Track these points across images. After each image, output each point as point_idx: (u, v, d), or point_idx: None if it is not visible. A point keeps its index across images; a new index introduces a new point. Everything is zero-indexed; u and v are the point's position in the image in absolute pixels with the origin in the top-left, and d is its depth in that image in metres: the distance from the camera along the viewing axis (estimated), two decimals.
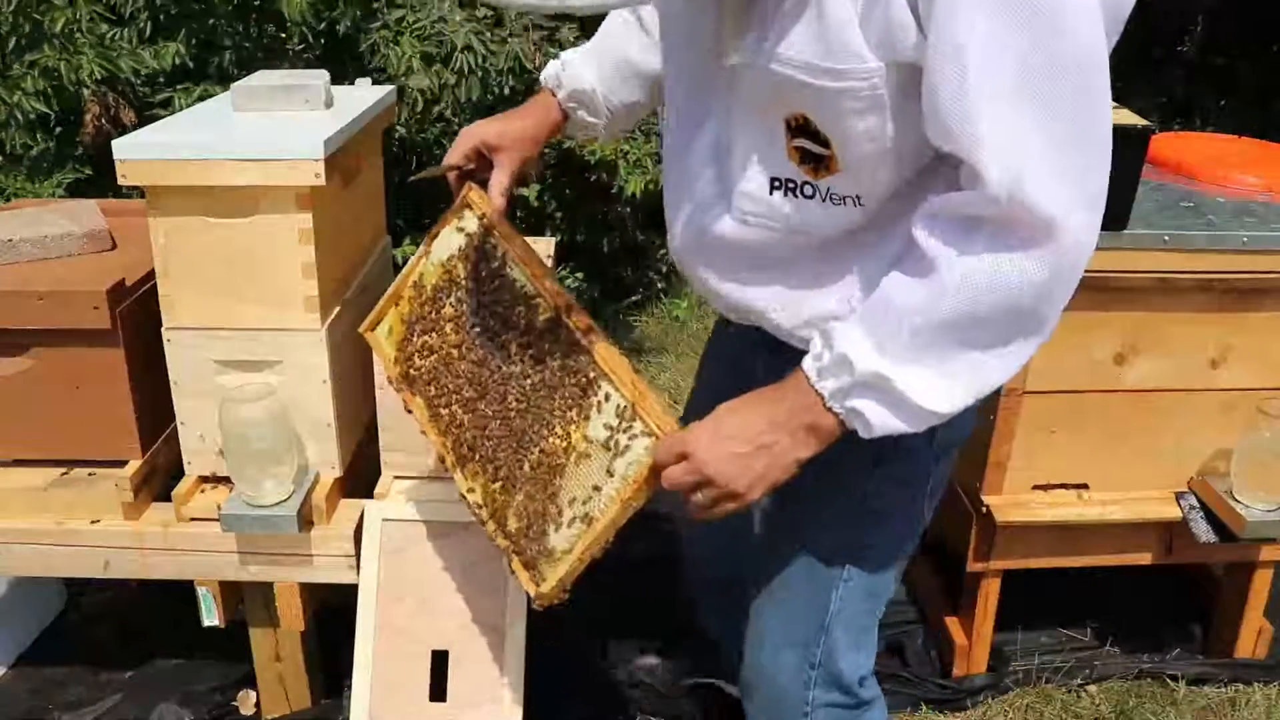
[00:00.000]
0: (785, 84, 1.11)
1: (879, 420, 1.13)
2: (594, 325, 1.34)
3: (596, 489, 1.29)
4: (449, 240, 1.52)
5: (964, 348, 1.09)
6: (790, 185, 1.19)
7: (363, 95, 2.05)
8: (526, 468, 1.37)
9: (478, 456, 1.44)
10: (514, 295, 1.43)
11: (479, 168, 1.51)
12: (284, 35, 3.38)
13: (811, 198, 1.18)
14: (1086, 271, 1.88)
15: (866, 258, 1.20)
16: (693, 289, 1.42)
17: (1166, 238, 1.85)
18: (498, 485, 1.41)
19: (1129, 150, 1.80)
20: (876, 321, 1.11)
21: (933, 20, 1.01)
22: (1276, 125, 4.05)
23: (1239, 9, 4.35)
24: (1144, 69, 4.59)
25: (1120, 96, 2.09)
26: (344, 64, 3.21)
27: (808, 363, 1.15)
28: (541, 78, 1.57)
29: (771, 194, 1.20)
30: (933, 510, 1.44)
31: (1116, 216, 1.84)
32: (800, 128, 1.14)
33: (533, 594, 1.36)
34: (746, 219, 1.23)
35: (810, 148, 1.15)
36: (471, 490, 1.46)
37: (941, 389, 1.11)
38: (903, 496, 1.39)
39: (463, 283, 1.50)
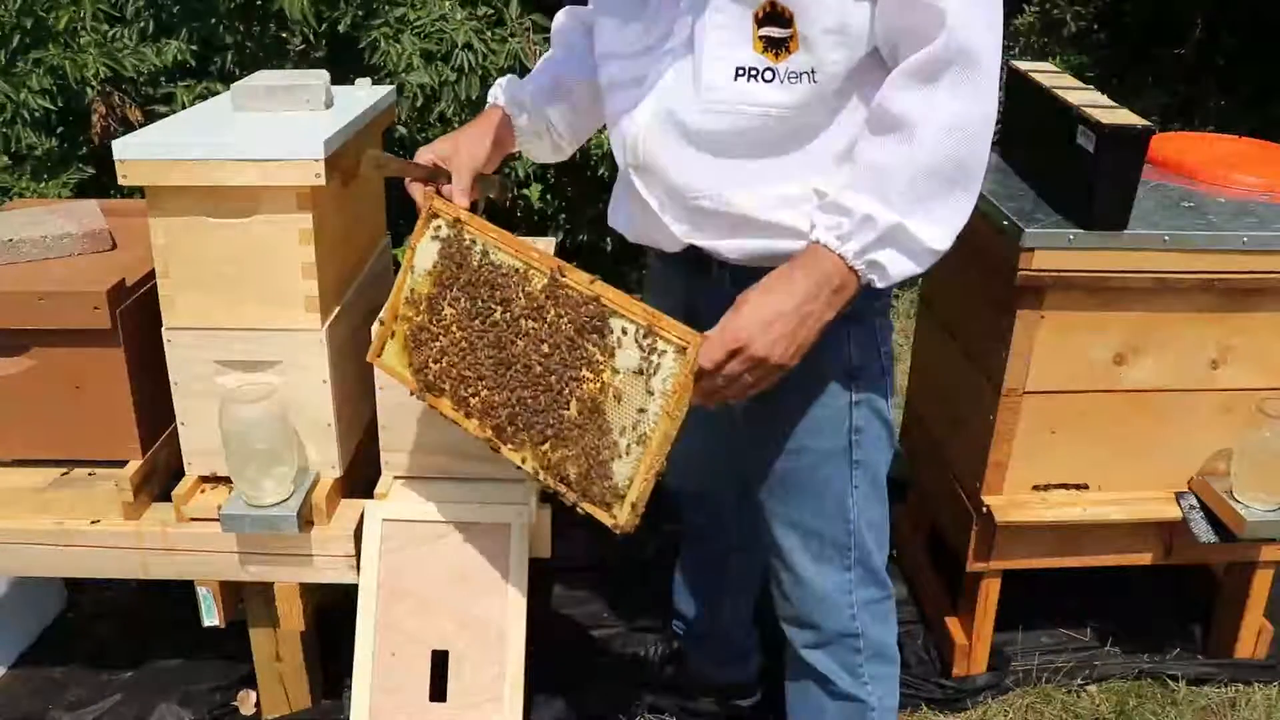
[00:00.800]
0: None
1: (896, 268, 1.30)
2: (591, 275, 1.42)
3: (642, 411, 1.36)
4: (428, 250, 1.56)
5: (949, 187, 1.28)
6: (753, 72, 1.32)
7: (363, 95, 2.05)
8: (571, 418, 1.42)
9: (520, 426, 1.48)
10: (506, 275, 1.48)
11: (439, 181, 1.59)
12: (285, 35, 3.38)
13: (771, 81, 1.31)
14: (1087, 271, 1.90)
15: (817, 140, 1.35)
16: (639, 206, 1.49)
17: (1166, 238, 1.85)
18: (547, 445, 1.45)
19: (1129, 150, 1.81)
20: (876, 183, 1.27)
21: None
22: (1276, 125, 4.05)
23: (1239, 9, 4.35)
24: (1144, 69, 4.59)
25: (1120, 96, 2.10)
26: (345, 64, 3.21)
27: (823, 233, 1.29)
28: (489, 95, 1.67)
29: (735, 80, 1.32)
30: (891, 383, 1.58)
31: (1117, 216, 1.84)
32: (767, 16, 1.29)
33: (613, 525, 1.39)
34: (712, 106, 1.34)
35: (773, 33, 1.30)
36: (524, 459, 1.48)
37: (941, 227, 1.29)
38: (878, 416, 1.55)
39: (454, 283, 1.53)
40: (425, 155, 1.59)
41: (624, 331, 1.37)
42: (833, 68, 1.29)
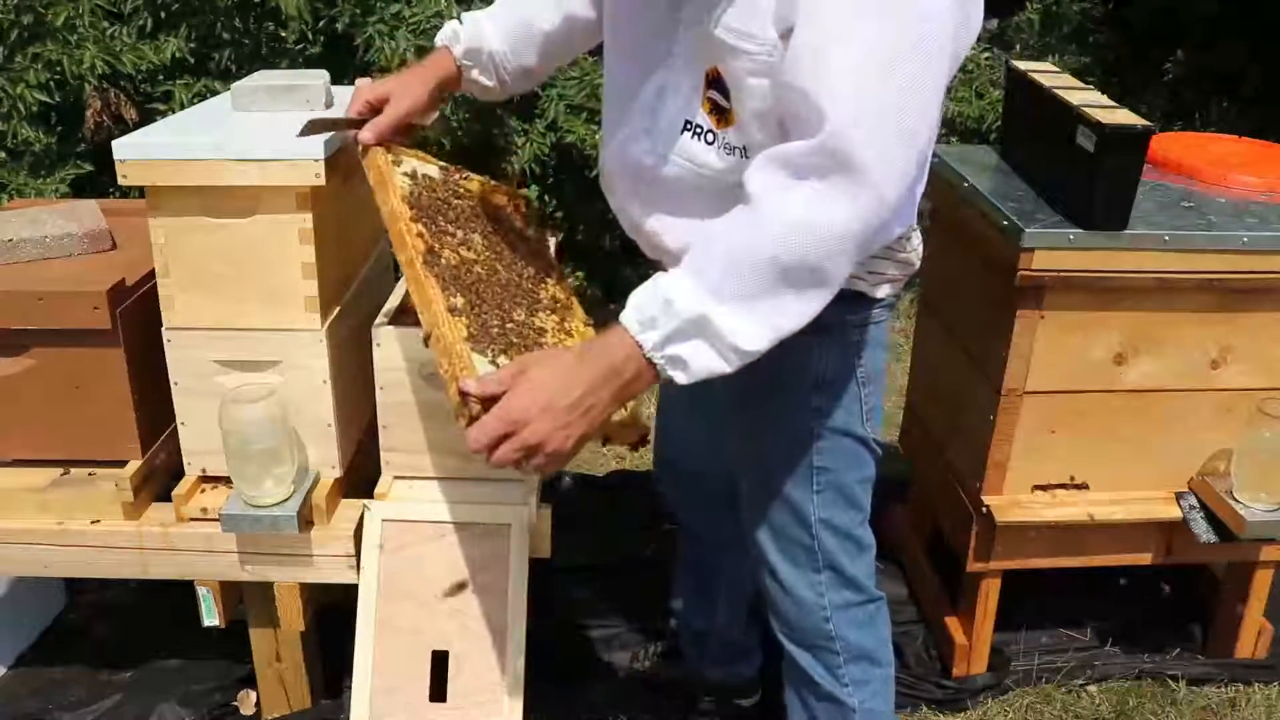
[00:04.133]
0: (717, 44, 1.27)
1: (699, 363, 1.20)
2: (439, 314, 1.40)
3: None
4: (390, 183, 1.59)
5: (781, 286, 1.18)
6: (698, 130, 1.34)
7: None
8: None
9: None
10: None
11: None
12: (283, 33, 3.38)
13: (712, 145, 1.34)
14: (1087, 271, 1.90)
15: None
16: (620, 224, 1.55)
17: (1166, 238, 1.85)
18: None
19: (1129, 150, 1.80)
20: (701, 261, 1.19)
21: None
22: (1276, 125, 4.05)
23: (1240, 9, 4.34)
24: (1144, 69, 4.59)
25: (1121, 97, 2.10)
26: (342, 61, 3.21)
27: (629, 315, 1.20)
28: (438, 37, 1.66)
29: (682, 134, 1.36)
30: (874, 398, 1.56)
31: (1117, 216, 1.84)
32: (715, 81, 1.30)
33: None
34: (663, 155, 1.38)
35: (718, 100, 1.31)
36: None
37: (759, 327, 1.19)
38: (844, 428, 1.53)
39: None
40: (361, 96, 1.60)
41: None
42: (760, 148, 1.24)
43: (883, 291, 1.49)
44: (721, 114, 1.32)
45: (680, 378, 1.20)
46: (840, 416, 1.53)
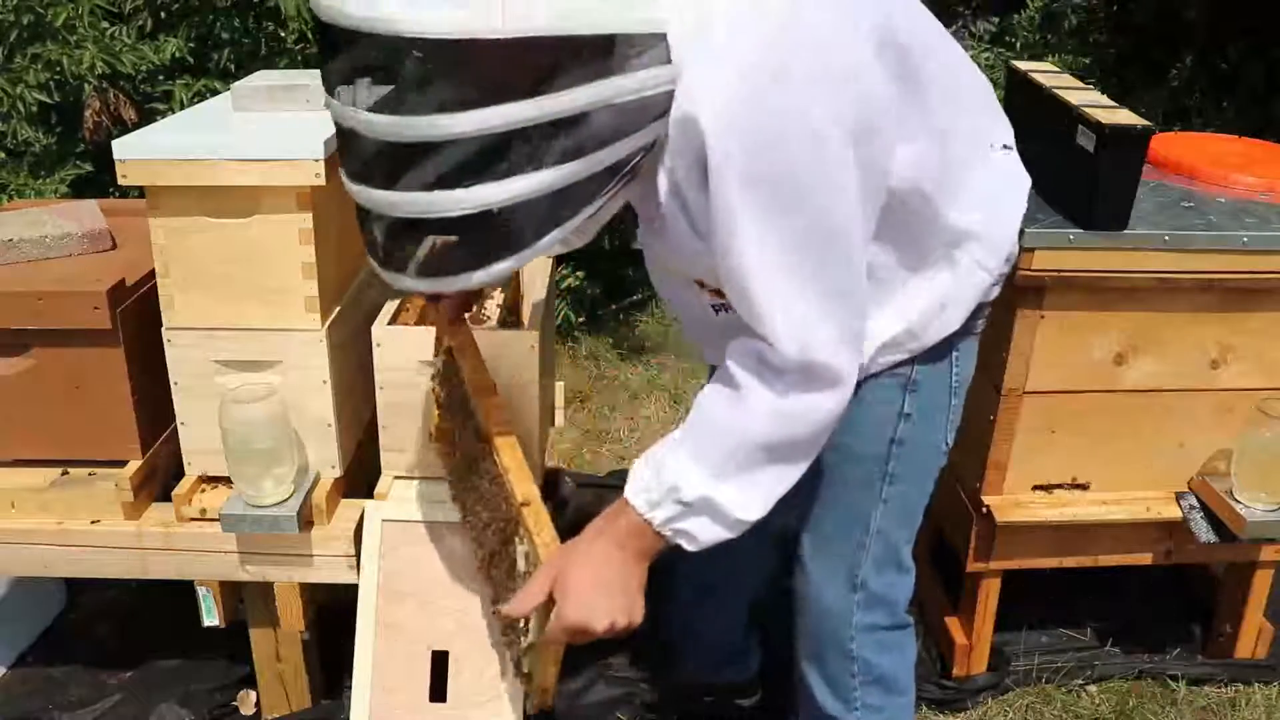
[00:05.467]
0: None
1: (706, 535, 1.30)
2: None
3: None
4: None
5: (771, 463, 1.28)
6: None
7: None
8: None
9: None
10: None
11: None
12: (283, 33, 3.38)
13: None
14: (1087, 271, 1.90)
15: None
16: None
17: (1166, 238, 1.85)
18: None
19: (1129, 150, 1.80)
20: (698, 444, 1.28)
21: (710, 216, 1.17)
22: (1276, 125, 4.05)
23: (1240, 9, 4.34)
24: (1144, 69, 4.59)
25: (1121, 97, 2.10)
26: None
27: (636, 495, 1.30)
28: None
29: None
30: (954, 435, 1.58)
31: (1116, 216, 1.84)
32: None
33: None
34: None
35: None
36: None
37: (755, 500, 1.29)
38: (928, 437, 1.53)
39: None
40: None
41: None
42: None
43: (987, 294, 1.49)
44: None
45: (689, 547, 1.31)
46: (926, 424, 1.51)
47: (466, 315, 1.71)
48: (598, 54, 1.07)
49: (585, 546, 1.34)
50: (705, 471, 1.27)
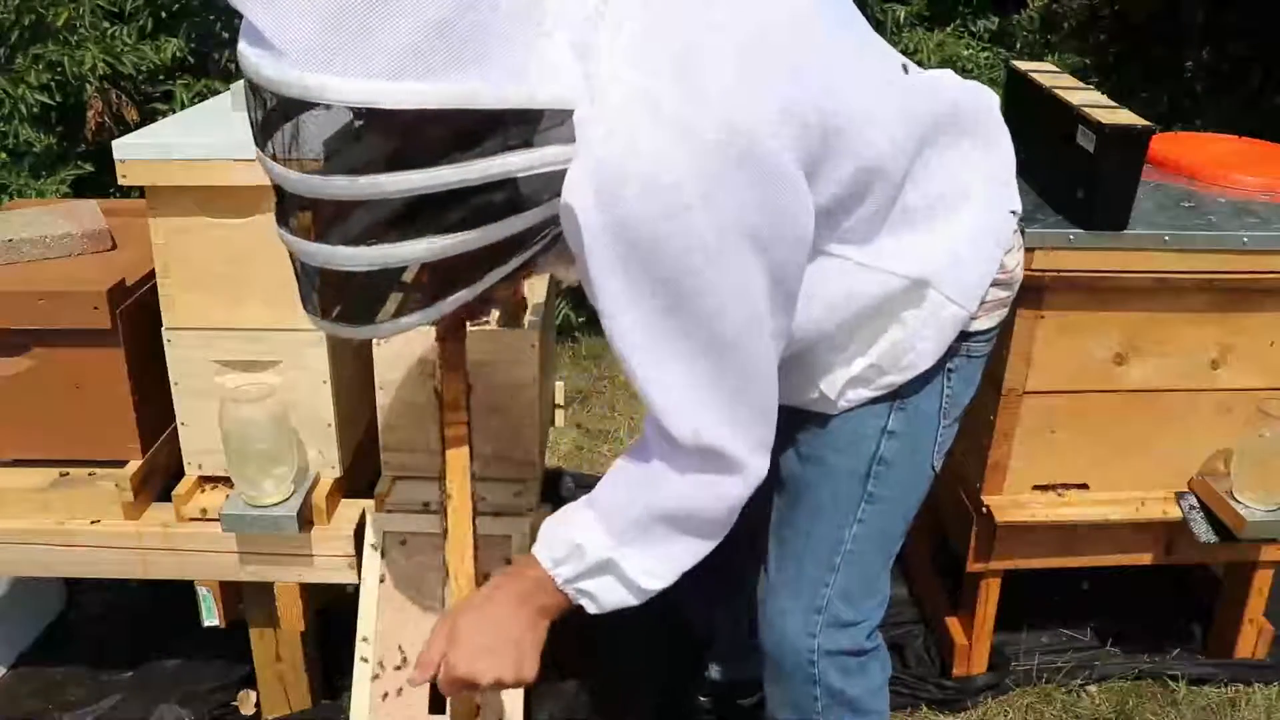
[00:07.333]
0: None
1: (608, 598, 1.31)
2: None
3: None
4: None
5: (678, 535, 1.27)
6: None
7: None
8: None
9: None
10: None
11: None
12: None
13: None
14: (1087, 271, 1.90)
15: (817, 356, 1.40)
16: None
17: (1166, 238, 1.85)
18: None
19: (1129, 150, 1.80)
20: (607, 507, 1.29)
21: (596, 300, 1.16)
22: (1276, 125, 4.05)
23: (1240, 9, 4.34)
24: (1144, 69, 4.59)
25: (1120, 97, 2.10)
26: None
27: (541, 549, 1.31)
28: None
29: None
30: (942, 461, 1.55)
31: (1117, 217, 1.84)
32: None
33: None
34: None
35: None
36: None
37: (660, 568, 1.29)
38: (912, 458, 1.49)
39: None
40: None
41: None
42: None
43: (979, 324, 1.44)
44: None
45: (590, 608, 1.32)
46: (911, 444, 1.47)
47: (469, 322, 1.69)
48: (500, 128, 1.07)
49: (484, 597, 1.35)
50: (610, 535, 1.27)
